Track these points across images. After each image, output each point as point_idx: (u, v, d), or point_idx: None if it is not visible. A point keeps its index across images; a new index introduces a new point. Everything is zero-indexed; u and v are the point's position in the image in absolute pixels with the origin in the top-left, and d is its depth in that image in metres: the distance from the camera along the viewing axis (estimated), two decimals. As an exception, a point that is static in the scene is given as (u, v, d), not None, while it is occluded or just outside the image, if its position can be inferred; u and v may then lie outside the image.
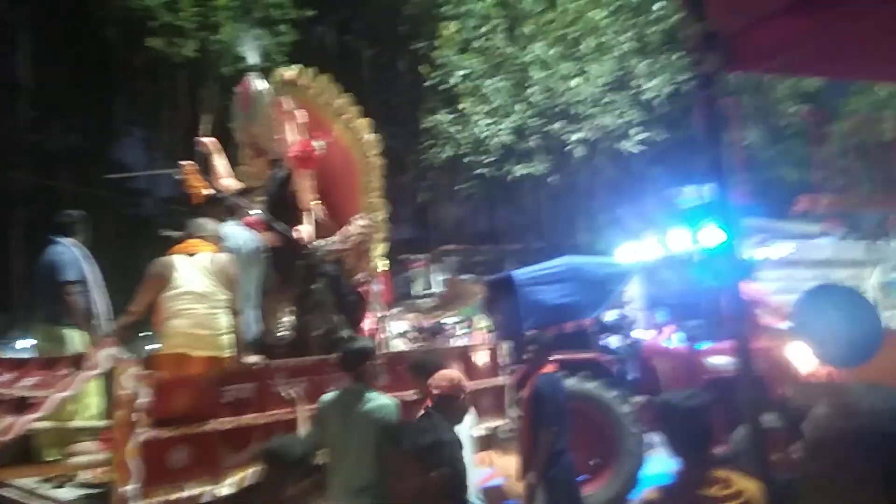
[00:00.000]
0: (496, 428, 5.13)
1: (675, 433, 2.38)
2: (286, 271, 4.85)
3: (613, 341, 7.43)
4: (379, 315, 5.24)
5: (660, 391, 6.74)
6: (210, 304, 3.97)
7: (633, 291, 9.27)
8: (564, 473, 4.70)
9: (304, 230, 4.84)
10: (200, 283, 3.97)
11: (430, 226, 18.34)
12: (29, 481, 3.99)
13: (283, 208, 4.93)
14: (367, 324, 5.08)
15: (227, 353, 3.99)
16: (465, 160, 13.83)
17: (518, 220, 15.37)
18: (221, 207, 4.80)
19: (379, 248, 5.33)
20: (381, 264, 5.35)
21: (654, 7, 13.33)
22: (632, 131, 12.89)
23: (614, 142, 13.02)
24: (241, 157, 5.66)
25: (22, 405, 3.39)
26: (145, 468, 3.20)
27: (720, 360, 6.25)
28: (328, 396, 3.73)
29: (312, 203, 5.04)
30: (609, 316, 7.84)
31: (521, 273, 7.00)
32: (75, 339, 4.62)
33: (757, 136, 13.81)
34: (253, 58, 5.61)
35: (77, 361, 3.49)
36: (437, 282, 15.50)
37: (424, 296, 15.30)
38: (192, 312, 3.92)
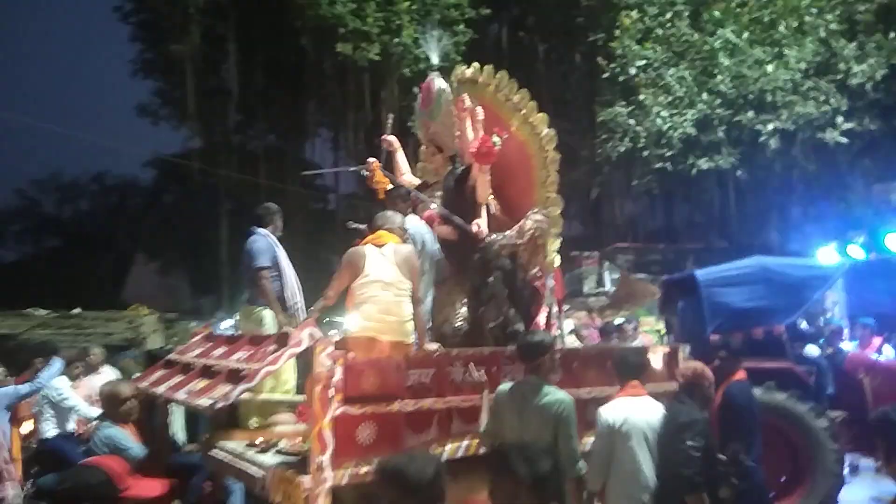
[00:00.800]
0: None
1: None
2: (462, 264, 4.97)
3: (812, 350, 6.78)
4: (553, 310, 5.23)
5: (865, 408, 6.09)
6: (396, 292, 4.17)
7: (836, 297, 8.47)
8: (757, 489, 4.40)
9: (481, 224, 4.96)
10: (387, 273, 4.17)
11: (604, 222, 17.86)
12: (236, 445, 4.48)
13: (461, 203, 5.10)
14: (541, 318, 5.08)
15: (410, 339, 4.19)
16: (644, 154, 13.25)
17: (699, 217, 14.47)
18: (405, 202, 5.00)
19: (554, 244, 5.33)
20: (556, 260, 5.37)
21: (866, -19, 11.91)
22: (837, 120, 11.61)
23: (815, 132, 11.80)
24: (421, 154, 5.87)
25: (236, 376, 3.74)
26: (338, 441, 3.44)
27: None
28: (505, 387, 3.81)
29: (489, 198, 5.15)
30: (806, 323, 7.20)
31: (705, 272, 6.60)
32: (268, 320, 5.14)
33: None
34: (435, 57, 5.85)
35: (282, 339, 3.79)
36: (610, 280, 15.07)
37: (596, 294, 14.94)
38: (380, 299, 4.13)
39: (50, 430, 6.50)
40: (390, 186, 5.12)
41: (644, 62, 13.12)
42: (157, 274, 27.47)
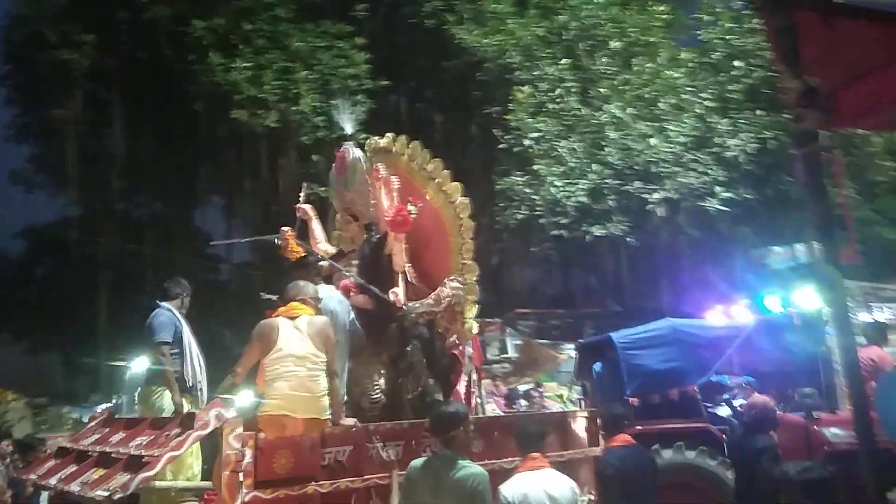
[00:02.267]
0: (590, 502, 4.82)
1: None
2: (379, 333, 4.87)
3: (722, 411, 6.95)
4: (472, 377, 5.17)
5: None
6: (310, 367, 3.99)
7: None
8: None
9: (398, 293, 4.90)
10: (301, 346, 3.99)
11: (505, 289, 18.08)
12: None
13: (377, 271, 5.04)
14: (461, 386, 5.00)
15: (325, 416, 3.98)
16: (540, 221, 13.62)
17: (595, 282, 14.96)
18: (317, 271, 4.86)
19: (471, 311, 5.29)
20: (474, 326, 5.33)
21: (735, 64, 13.06)
22: (716, 189, 12.45)
23: (697, 200, 12.58)
24: (337, 223, 5.87)
25: (136, 463, 3.51)
26: None
27: (838, 431, 5.76)
28: (417, 462, 3.60)
29: (406, 266, 5.14)
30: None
31: (621, 335, 6.68)
32: (168, 402, 4.74)
33: (851, 193, 13.13)
34: (348, 127, 6.02)
35: (186, 421, 3.61)
36: (512, 346, 15.11)
37: (499, 360, 14.91)
38: (293, 374, 3.93)
39: None
40: (304, 255, 5.04)
41: (538, 134, 13.64)
42: (26, 355, 25.10)
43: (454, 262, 5.39)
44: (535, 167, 13.51)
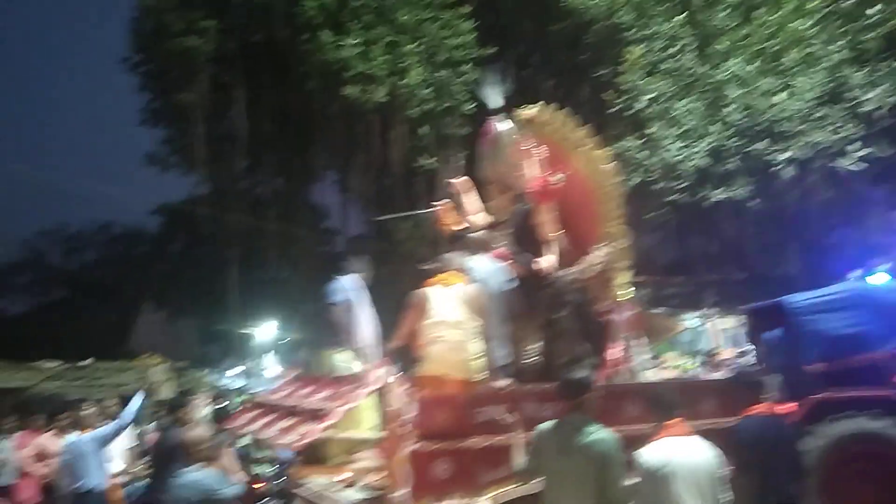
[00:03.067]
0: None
1: None
2: (532, 300, 5.07)
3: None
4: (627, 343, 5.22)
5: None
6: (463, 332, 4.30)
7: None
8: None
9: (546, 261, 5.08)
10: (454, 313, 4.32)
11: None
12: (321, 482, 4.71)
13: (528, 240, 5.25)
14: (613, 352, 5.09)
15: (478, 377, 4.28)
16: (655, 187, 13.14)
17: (715, 249, 14.31)
18: (471, 242, 5.14)
19: (623, 277, 5.34)
20: (625, 292, 5.33)
21: (869, 11, 11.91)
22: (850, 147, 11.51)
23: (828, 160, 11.70)
24: (488, 194, 6.01)
25: (317, 415, 3.93)
26: (413, 477, 3.60)
27: None
28: (546, 425, 3.64)
29: (554, 234, 5.25)
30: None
31: (794, 300, 6.43)
32: (339, 362, 5.27)
33: None
34: (494, 101, 5.91)
35: (358, 379, 4.09)
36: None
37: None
38: (447, 339, 4.26)
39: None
40: (459, 227, 5.33)
41: (652, 95, 13.10)
42: (165, 322, 27.34)
43: (604, 229, 5.44)
44: (650, 130, 13.00)
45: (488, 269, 4.93)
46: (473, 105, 15.90)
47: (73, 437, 6.87)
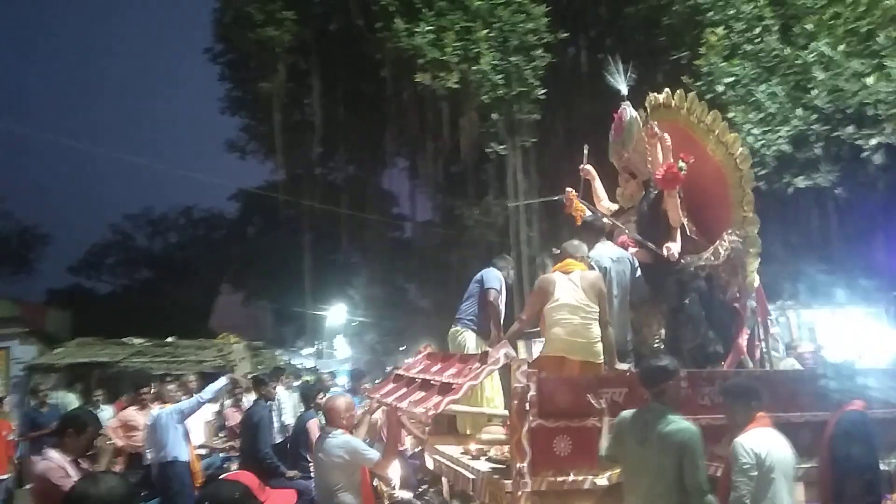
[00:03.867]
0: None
1: None
2: (658, 286, 5.23)
3: None
4: (756, 331, 5.29)
5: None
6: (583, 316, 4.50)
7: None
8: None
9: (673, 247, 5.15)
10: (575, 297, 4.51)
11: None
12: (453, 451, 5.09)
13: (655, 226, 5.36)
14: (743, 339, 5.11)
15: (599, 360, 4.48)
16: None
17: (796, 238, 13.77)
18: (599, 228, 5.37)
19: (753, 264, 5.33)
20: (755, 279, 5.35)
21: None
22: (946, 133, 10.88)
23: (924, 148, 11.08)
24: (618, 181, 6.18)
25: (446, 389, 4.26)
26: (535, 451, 3.85)
27: None
28: (627, 413, 3.72)
29: (681, 220, 5.34)
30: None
31: None
32: (468, 342, 5.87)
33: None
34: (623, 88, 6.15)
35: (483, 358, 4.34)
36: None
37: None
38: (568, 322, 4.48)
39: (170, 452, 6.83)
40: (587, 214, 5.53)
41: (732, 79, 12.67)
42: (242, 303, 28.38)
43: (735, 214, 5.41)
44: (730, 114, 12.59)
45: (613, 255, 5.07)
46: (545, 91, 15.77)
47: (157, 409, 7.28)
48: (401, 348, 23.22)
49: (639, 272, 5.15)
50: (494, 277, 5.99)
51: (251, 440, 7.40)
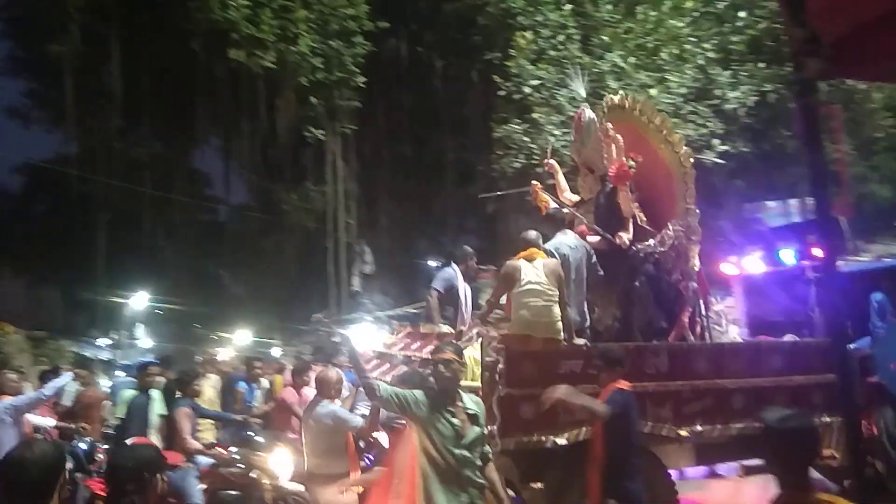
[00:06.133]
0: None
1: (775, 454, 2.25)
2: (612, 270, 5.68)
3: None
4: (697, 309, 5.98)
5: None
6: (546, 298, 4.96)
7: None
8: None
9: (625, 236, 5.69)
10: (538, 282, 4.97)
11: (501, 236, 18.22)
12: None
13: (610, 217, 5.87)
14: (685, 317, 5.80)
15: (559, 337, 4.99)
16: (538, 170, 13.61)
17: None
18: (561, 219, 5.85)
19: (694, 250, 5.94)
20: (696, 264, 5.98)
21: (739, 14, 12.86)
22: (713, 142, 12.41)
23: (694, 153, 12.54)
24: (579, 175, 6.63)
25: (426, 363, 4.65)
26: (503, 416, 4.44)
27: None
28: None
29: (632, 212, 5.88)
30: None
31: None
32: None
33: (848, 148, 13.12)
34: (579, 90, 7.16)
35: (458, 336, 5.10)
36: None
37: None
38: (533, 305, 4.94)
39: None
40: (551, 206, 6.02)
41: (537, 82, 13.48)
42: (25, 289, 25.38)
43: (679, 206, 5.96)
44: (534, 115, 13.41)
45: (571, 243, 5.50)
46: (365, 79, 15.77)
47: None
48: (212, 336, 22.10)
49: (594, 258, 5.63)
50: (439, 277, 6.48)
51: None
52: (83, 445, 7.18)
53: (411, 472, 3.75)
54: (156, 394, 6.81)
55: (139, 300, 22.95)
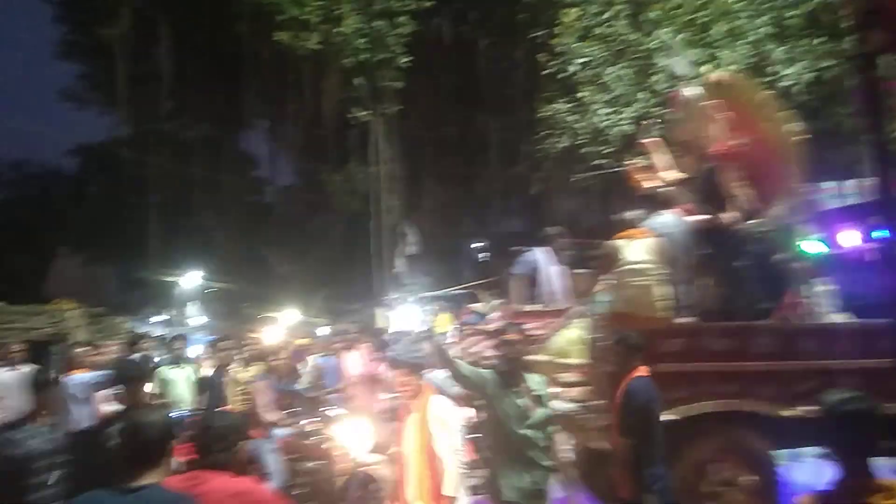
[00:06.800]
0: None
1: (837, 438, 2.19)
2: (715, 250, 5.69)
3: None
4: (801, 290, 5.89)
5: None
6: (648, 278, 5.02)
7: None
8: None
9: (729, 215, 5.64)
10: (639, 261, 5.04)
11: (543, 217, 18.08)
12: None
13: (713, 196, 5.79)
14: (789, 297, 5.72)
15: (662, 315, 5.03)
16: (582, 151, 13.41)
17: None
18: (660, 197, 5.80)
19: (800, 229, 5.98)
20: (802, 245, 6.02)
21: (794, -11, 12.37)
22: (766, 121, 12.04)
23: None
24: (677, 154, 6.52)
25: (529, 340, 4.80)
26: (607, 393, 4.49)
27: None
28: None
29: (738, 190, 5.80)
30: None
31: None
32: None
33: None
34: (682, 70, 7.29)
35: (561, 313, 5.51)
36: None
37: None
38: (635, 284, 5.01)
39: None
40: (650, 184, 5.94)
41: (584, 60, 13.24)
42: (82, 267, 26.32)
43: (784, 185, 5.90)
44: (580, 94, 13.19)
45: (674, 222, 5.51)
46: (409, 59, 15.72)
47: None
48: (259, 316, 22.58)
49: (697, 237, 5.63)
50: (520, 262, 6.65)
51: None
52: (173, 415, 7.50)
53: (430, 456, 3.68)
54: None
55: (190, 279, 23.59)
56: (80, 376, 6.23)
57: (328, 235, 20.67)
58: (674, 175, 6.30)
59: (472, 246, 19.91)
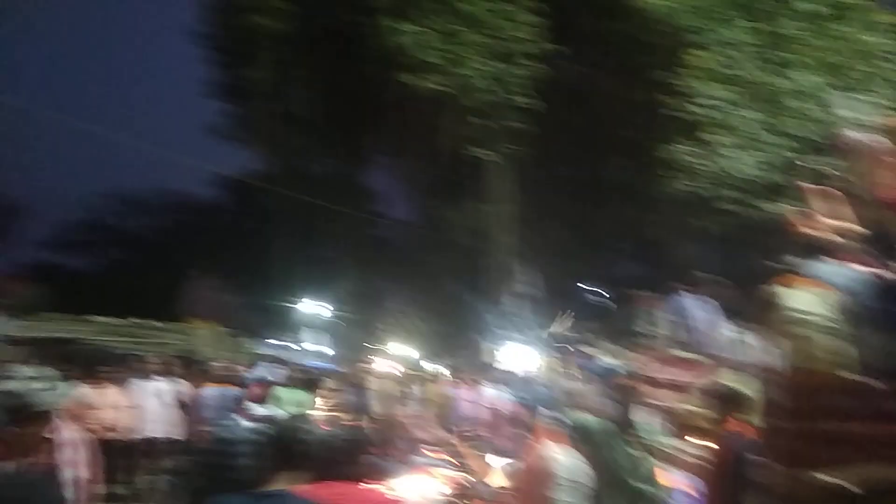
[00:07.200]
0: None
1: None
2: (891, 306, 5.08)
3: None
4: None
5: None
6: (819, 329, 4.59)
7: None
8: None
9: None
10: (814, 312, 4.60)
11: (661, 262, 17.53)
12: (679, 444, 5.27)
13: (883, 246, 5.20)
14: None
15: (842, 372, 4.56)
16: (705, 194, 12.97)
17: (760, 263, 14.01)
18: (821, 246, 5.28)
19: None
20: None
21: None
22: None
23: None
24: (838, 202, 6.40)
25: (678, 387, 5.12)
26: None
27: None
28: None
29: None
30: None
31: None
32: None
33: None
34: (844, 112, 6.78)
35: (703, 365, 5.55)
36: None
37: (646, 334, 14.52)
38: (808, 337, 4.57)
39: None
40: (811, 232, 5.47)
41: (711, 101, 12.88)
42: (213, 289, 28.08)
43: None
44: (705, 136, 12.81)
45: (849, 274, 5.02)
46: (529, 100, 15.89)
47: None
48: (366, 345, 23.20)
49: (873, 291, 5.02)
50: (669, 307, 7.04)
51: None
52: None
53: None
54: None
55: (308, 306, 24.64)
56: (214, 389, 6.68)
57: (441, 270, 21.01)
58: (844, 223, 5.65)
59: (583, 287, 19.57)
